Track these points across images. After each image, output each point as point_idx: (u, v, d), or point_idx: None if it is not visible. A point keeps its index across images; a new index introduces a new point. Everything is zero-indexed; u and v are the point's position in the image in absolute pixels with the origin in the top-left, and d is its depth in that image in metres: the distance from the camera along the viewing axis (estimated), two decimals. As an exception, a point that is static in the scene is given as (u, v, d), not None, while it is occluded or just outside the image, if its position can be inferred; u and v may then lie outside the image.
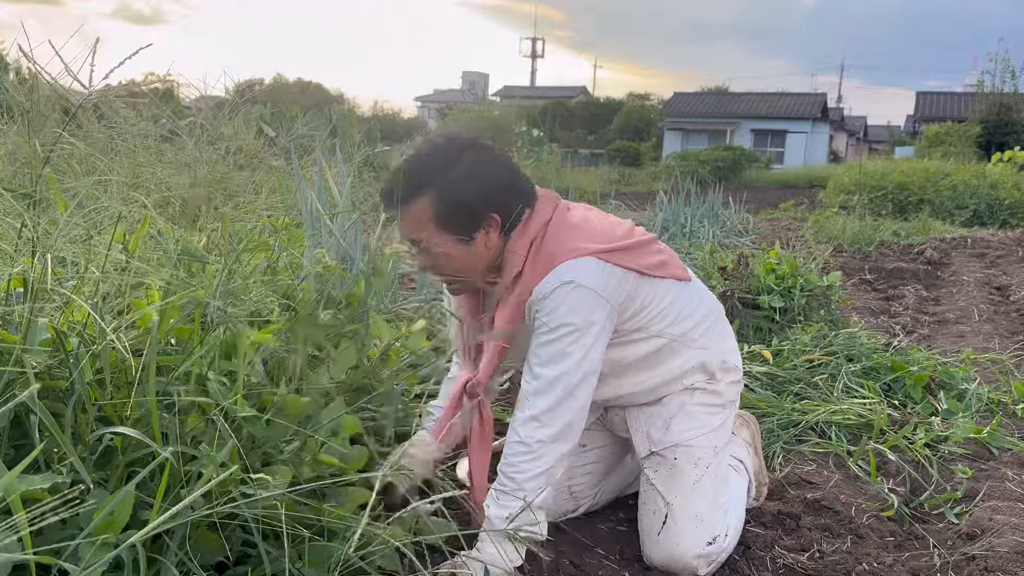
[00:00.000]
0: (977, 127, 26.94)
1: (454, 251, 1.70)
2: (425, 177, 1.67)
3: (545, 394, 1.67)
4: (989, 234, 9.42)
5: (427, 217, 1.66)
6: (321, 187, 3.12)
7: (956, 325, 4.74)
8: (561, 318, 1.66)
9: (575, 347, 1.67)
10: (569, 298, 1.67)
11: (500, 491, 1.69)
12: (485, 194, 1.69)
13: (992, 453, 2.67)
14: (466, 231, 1.69)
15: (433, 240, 1.68)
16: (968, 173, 13.02)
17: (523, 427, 1.68)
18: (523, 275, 1.71)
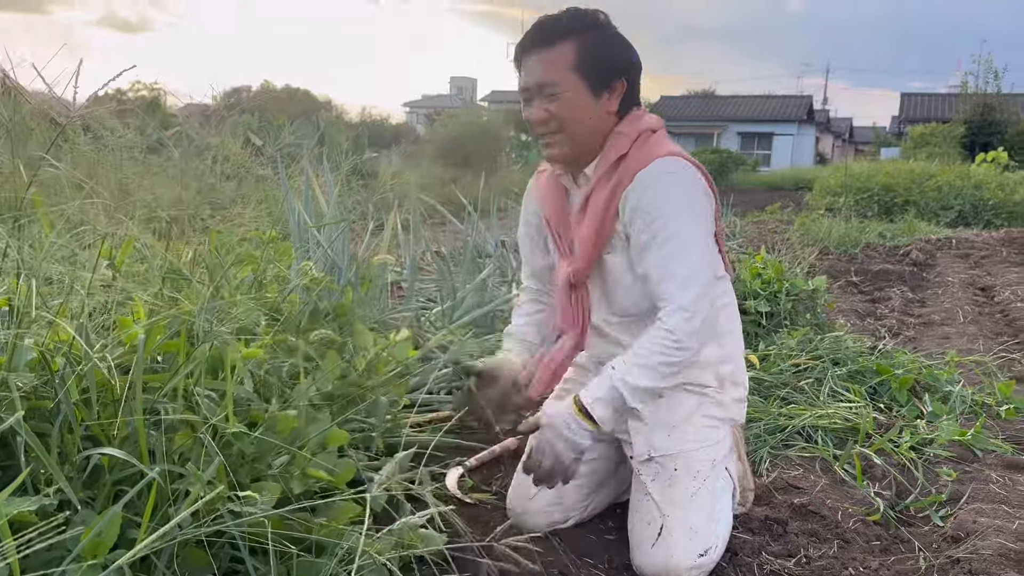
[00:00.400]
0: (961, 128, 27.14)
1: (580, 101, 1.72)
2: (575, 24, 1.73)
3: (689, 287, 1.68)
4: (974, 234, 9.50)
5: (568, 60, 1.71)
6: (308, 197, 3.13)
7: (941, 327, 4.78)
8: (672, 213, 1.69)
9: (695, 234, 1.71)
10: (676, 188, 1.71)
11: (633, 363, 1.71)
12: (622, 58, 1.77)
13: (976, 455, 2.70)
14: (599, 84, 1.73)
15: (566, 85, 1.71)
16: (953, 174, 13.13)
17: (670, 317, 1.69)
18: (627, 157, 1.74)
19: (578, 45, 1.71)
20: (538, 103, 1.75)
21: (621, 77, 1.76)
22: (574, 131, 1.75)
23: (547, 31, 1.73)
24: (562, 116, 1.73)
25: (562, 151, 1.79)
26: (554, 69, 1.71)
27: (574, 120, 1.74)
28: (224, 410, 1.50)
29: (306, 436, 1.69)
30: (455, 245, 5.47)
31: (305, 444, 1.69)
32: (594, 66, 1.72)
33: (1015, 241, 8.70)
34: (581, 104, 1.73)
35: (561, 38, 1.71)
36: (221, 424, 1.51)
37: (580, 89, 1.72)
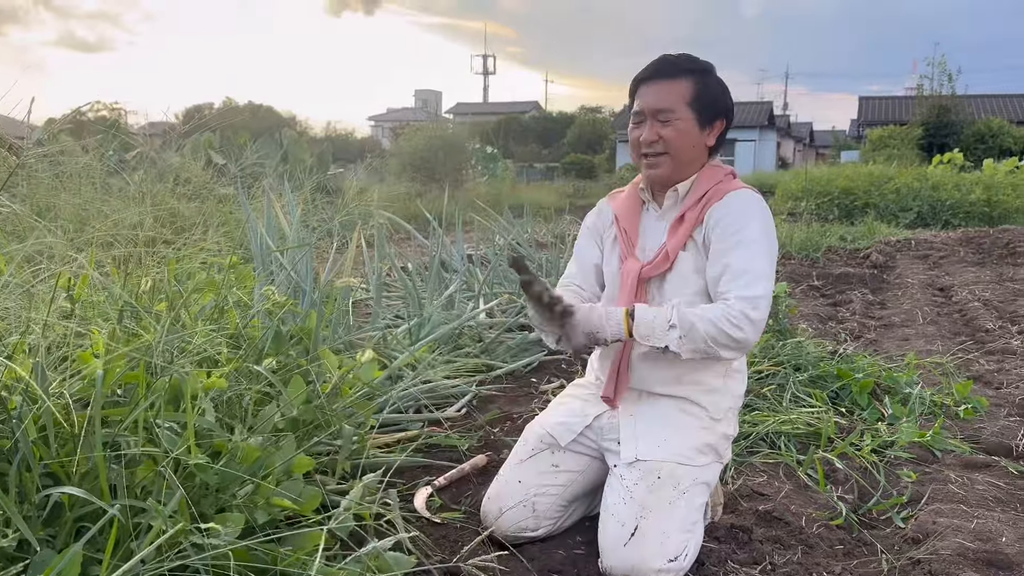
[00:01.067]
0: (918, 130, 27.68)
1: (689, 130, 1.99)
2: (693, 65, 2.02)
3: (760, 282, 1.88)
4: (932, 235, 9.70)
5: (686, 94, 1.98)
6: (270, 219, 3.12)
7: (901, 328, 4.88)
8: (755, 225, 1.93)
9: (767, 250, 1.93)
10: (761, 209, 1.98)
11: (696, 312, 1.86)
12: (726, 103, 2.05)
13: (936, 456, 2.76)
14: (706, 119, 2.00)
15: (681, 114, 1.98)
16: (911, 176, 13.40)
17: (737, 300, 1.85)
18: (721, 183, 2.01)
19: (695, 83, 1.99)
20: (651, 125, 2.00)
21: (723, 118, 2.04)
22: (678, 155, 2.00)
23: (671, 65, 2.01)
24: (671, 140, 1.99)
25: (664, 171, 2.03)
26: (672, 99, 1.98)
27: (680, 146, 1.99)
28: (185, 442, 1.50)
29: (271, 464, 1.69)
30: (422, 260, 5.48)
31: (270, 473, 1.69)
32: (705, 104, 1.99)
33: (972, 241, 8.91)
34: (689, 133, 1.99)
35: (682, 74, 1.99)
36: (183, 456, 1.51)
37: (691, 121, 1.99)
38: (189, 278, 2.36)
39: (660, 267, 2.02)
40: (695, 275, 2.00)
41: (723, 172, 2.07)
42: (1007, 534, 2.14)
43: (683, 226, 2.01)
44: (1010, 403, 3.38)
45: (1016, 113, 32.84)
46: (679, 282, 2.02)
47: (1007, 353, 4.29)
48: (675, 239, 2.02)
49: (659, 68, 2.02)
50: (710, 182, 2.03)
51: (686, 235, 2.00)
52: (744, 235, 1.92)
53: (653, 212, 2.11)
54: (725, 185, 2.02)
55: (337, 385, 2.18)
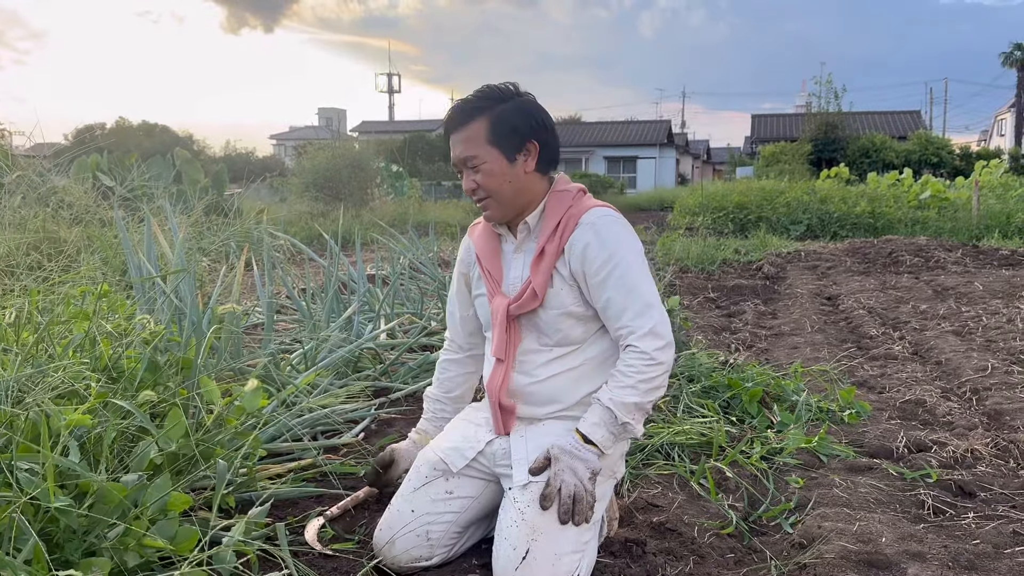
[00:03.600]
0: (808, 145, 28.99)
1: (499, 168, 1.96)
2: (483, 102, 1.98)
3: (650, 312, 1.90)
4: (821, 246, 10.13)
5: (482, 135, 1.95)
6: (151, 243, 2.99)
7: (791, 337, 5.05)
8: (619, 251, 1.92)
9: (641, 267, 1.94)
10: (618, 229, 1.96)
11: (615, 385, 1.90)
12: (530, 122, 1.99)
13: (822, 461, 2.85)
14: (513, 149, 1.96)
15: (483, 157, 1.95)
16: (800, 190, 13.99)
17: (641, 341, 1.89)
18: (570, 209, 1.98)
19: (488, 119, 1.95)
20: (467, 175, 1.99)
21: (530, 139, 1.98)
22: (501, 195, 1.99)
23: (461, 113, 1.99)
24: (486, 185, 1.97)
25: (496, 212, 2.03)
26: (471, 144, 1.96)
27: (496, 187, 1.98)
28: (44, 483, 1.41)
29: (143, 503, 1.60)
30: (320, 282, 5.36)
31: (143, 512, 1.60)
32: (503, 136, 1.95)
33: (858, 251, 9.35)
34: (499, 172, 1.97)
35: (473, 116, 1.96)
36: (44, 498, 1.41)
37: (497, 158, 1.96)
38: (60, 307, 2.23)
39: (528, 305, 2.01)
40: (567, 308, 2.00)
41: (570, 196, 2.04)
42: (887, 535, 2.22)
43: (544, 261, 1.99)
44: (891, 407, 3.54)
45: (897, 129, 34.84)
46: (553, 317, 2.02)
47: (889, 358, 4.49)
48: (539, 276, 2.00)
49: (452, 118, 2.01)
50: (559, 209, 2.01)
51: (549, 270, 1.99)
52: (615, 262, 1.92)
53: (511, 243, 2.11)
54: (576, 209, 2.00)
55: (221, 416, 2.09)
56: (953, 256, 8.68)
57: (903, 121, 36.64)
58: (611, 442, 1.93)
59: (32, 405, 1.51)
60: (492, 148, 1.96)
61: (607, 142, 40.15)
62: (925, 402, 3.57)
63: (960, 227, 12.00)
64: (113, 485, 1.50)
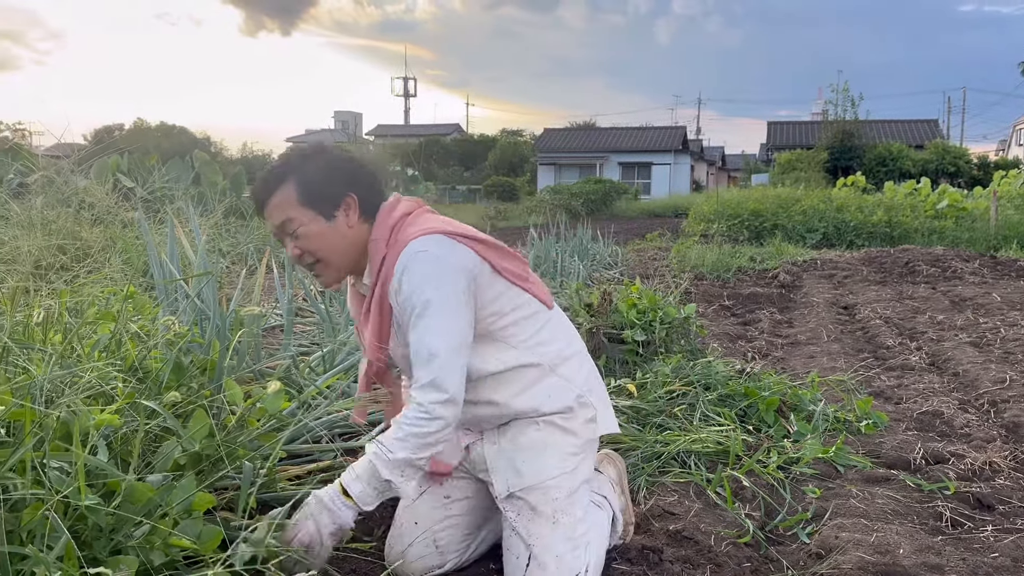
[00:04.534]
0: (824, 153, 28.86)
1: (318, 228, 1.84)
2: (286, 167, 1.88)
3: (432, 362, 1.77)
4: (837, 255, 10.09)
5: (292, 199, 1.83)
6: (173, 245, 3.03)
7: (807, 346, 5.04)
8: (419, 290, 1.77)
9: (439, 319, 1.78)
10: (422, 266, 1.79)
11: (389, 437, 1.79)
12: (341, 175, 1.88)
13: (839, 471, 2.85)
14: (327, 207, 1.85)
15: (300, 220, 1.83)
16: (816, 198, 13.94)
17: (420, 392, 1.78)
18: (386, 259, 1.84)
19: (295, 182, 1.84)
20: (289, 243, 1.88)
21: (346, 193, 1.87)
22: (328, 257, 1.88)
23: (267, 182, 1.87)
24: (312, 248, 1.86)
25: (330, 276, 1.93)
26: (283, 210, 1.85)
27: (321, 248, 1.87)
28: (75, 482, 1.43)
29: (169, 503, 1.63)
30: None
31: (169, 511, 1.62)
32: (315, 195, 1.84)
33: (874, 260, 9.30)
34: (320, 232, 1.85)
35: (278, 182, 1.85)
36: (74, 497, 1.44)
37: (313, 220, 1.85)
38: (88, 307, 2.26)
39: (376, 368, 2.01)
40: None
41: (383, 242, 1.87)
42: (904, 546, 2.22)
43: (373, 319, 1.91)
44: (909, 417, 3.53)
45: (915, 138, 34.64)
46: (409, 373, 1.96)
47: (906, 369, 4.48)
48: (368, 336, 1.94)
49: (256, 191, 1.90)
50: (375, 263, 1.89)
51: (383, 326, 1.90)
52: (412, 304, 1.80)
53: None
54: (392, 255, 1.85)
55: (243, 417, 2.12)
56: (971, 267, 8.63)
57: (920, 130, 36.44)
58: (372, 498, 1.80)
59: (63, 405, 1.53)
60: (306, 209, 1.84)
61: (622, 148, 40.13)
62: (943, 413, 3.56)
63: (978, 237, 11.93)
64: (140, 485, 1.53)
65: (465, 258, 1.84)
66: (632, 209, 25.93)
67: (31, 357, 1.76)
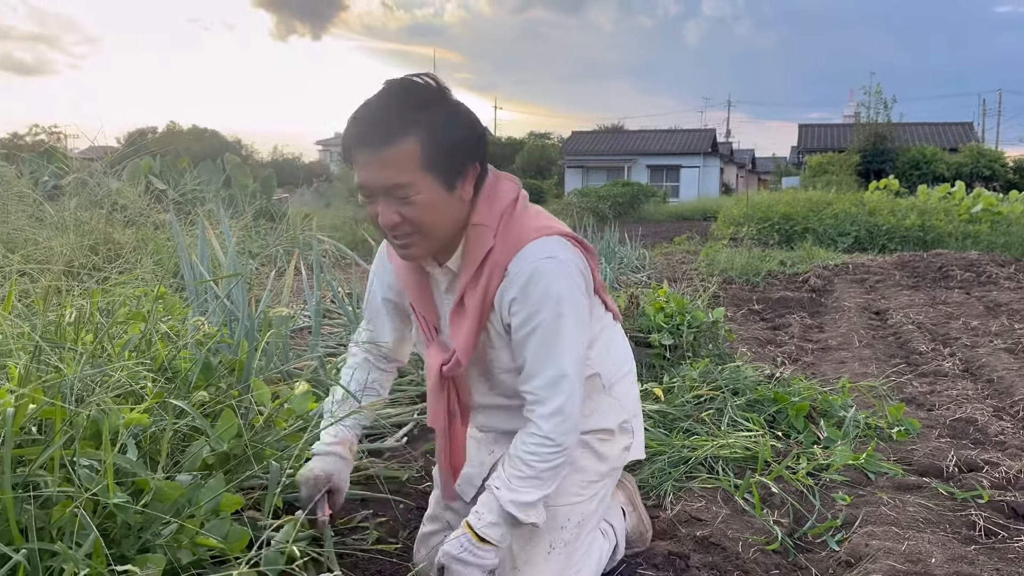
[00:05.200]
0: (856, 156, 28.53)
1: (436, 199, 1.52)
2: (413, 112, 1.48)
3: (562, 384, 1.61)
4: (869, 259, 9.95)
5: (413, 159, 1.48)
6: (204, 247, 3.06)
7: (838, 351, 4.98)
8: (550, 304, 1.57)
9: (569, 338, 1.60)
10: (553, 277, 1.58)
11: (516, 476, 1.63)
12: (469, 137, 1.55)
13: (870, 478, 2.81)
14: (452, 175, 1.53)
15: (417, 186, 1.49)
16: (848, 201, 13.77)
17: (546, 421, 1.62)
18: (494, 250, 1.59)
19: (423, 139, 1.48)
20: (386, 204, 1.53)
21: (472, 161, 1.57)
22: (434, 231, 1.57)
23: (384, 125, 1.48)
24: (419, 219, 1.53)
25: (420, 251, 1.61)
26: (400, 171, 1.49)
27: (430, 221, 1.54)
28: (104, 480, 1.45)
29: (197, 502, 1.64)
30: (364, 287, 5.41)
31: (197, 511, 1.64)
32: (442, 159, 1.51)
33: (907, 265, 9.16)
34: (437, 203, 1.53)
35: (403, 131, 1.47)
36: (103, 495, 1.45)
37: (434, 188, 1.52)
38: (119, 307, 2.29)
39: (455, 370, 1.71)
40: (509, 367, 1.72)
41: (490, 231, 1.60)
42: (936, 556, 2.18)
43: (466, 318, 1.65)
44: (941, 424, 3.47)
45: (949, 141, 34.12)
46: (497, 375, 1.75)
47: (939, 375, 4.40)
48: (460, 337, 1.66)
49: (371, 130, 1.50)
50: (478, 252, 1.61)
51: (474, 329, 1.65)
52: (539, 320, 1.59)
53: (441, 282, 1.74)
54: (501, 253, 1.60)
55: (270, 418, 2.13)
56: (1006, 271, 8.47)
57: (955, 133, 35.90)
58: (509, 538, 1.67)
59: (92, 404, 1.55)
60: (427, 175, 1.50)
61: (650, 151, 39.98)
62: (976, 421, 3.49)
63: (1013, 242, 11.71)
64: (169, 484, 1.54)
65: (583, 266, 1.67)
66: (660, 212, 25.81)
67: (63, 356, 1.78)
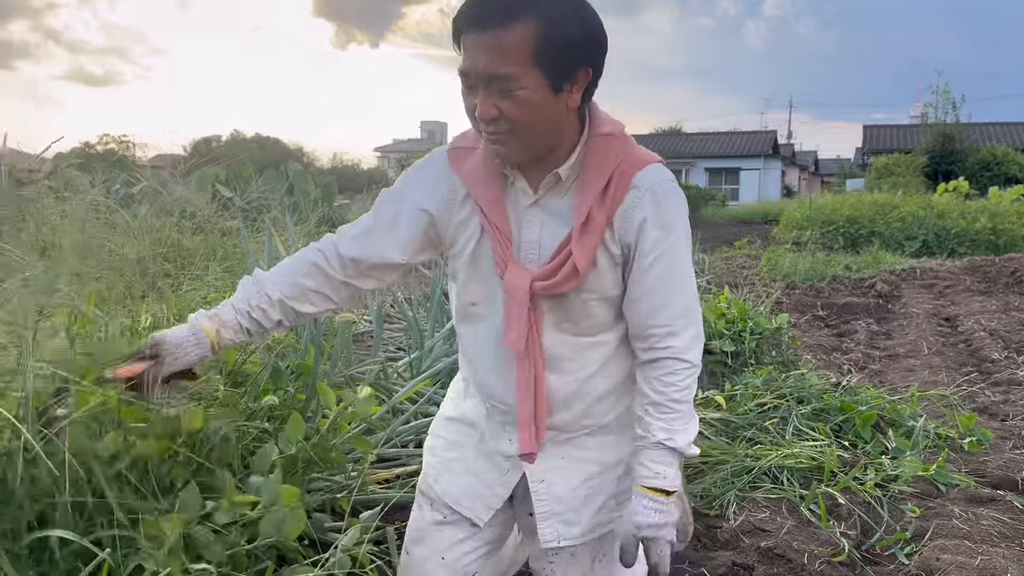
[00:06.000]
0: (923, 158, 27.75)
1: (537, 99, 1.38)
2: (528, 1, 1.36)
3: (693, 312, 1.51)
4: (938, 264, 9.67)
5: (526, 48, 1.35)
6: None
7: (906, 359, 4.85)
8: (678, 230, 1.49)
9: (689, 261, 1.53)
10: (679, 201, 1.50)
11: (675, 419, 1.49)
12: (592, 39, 1.42)
13: (940, 490, 2.73)
14: (562, 76, 1.39)
15: (525, 81, 1.37)
16: (916, 204, 13.40)
17: (689, 351, 1.49)
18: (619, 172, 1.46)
19: (540, 27, 1.35)
20: (485, 96, 1.40)
21: (586, 64, 1.41)
22: (532, 132, 1.43)
23: (499, 4, 1.37)
24: (517, 116, 1.40)
25: (513, 152, 1.46)
26: (507, 59, 1.36)
27: (530, 123, 1.41)
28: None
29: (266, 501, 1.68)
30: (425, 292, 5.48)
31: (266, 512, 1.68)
32: (558, 55, 1.37)
33: (978, 269, 8.88)
34: (540, 102, 1.39)
35: (519, 15, 1.35)
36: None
37: (540, 85, 1.38)
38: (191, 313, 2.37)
39: (562, 286, 1.50)
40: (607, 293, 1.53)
41: (619, 143, 1.49)
42: (1012, 571, 2.11)
43: (592, 232, 1.48)
44: (1016, 435, 3.36)
45: (1021, 140, 32.91)
46: (585, 302, 1.54)
47: (1013, 384, 4.26)
48: (584, 251, 1.47)
49: (487, 8, 1.37)
50: (608, 162, 1.47)
51: (596, 244, 1.48)
52: (669, 244, 1.48)
53: (523, 196, 1.53)
54: (628, 164, 1.47)
55: (335, 421, 2.17)
56: (1085, 276, 8.14)
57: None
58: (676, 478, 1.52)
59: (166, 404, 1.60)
60: (536, 70, 1.36)
61: (709, 153, 39.49)
62: (1054, 432, 3.37)
63: (1092, 245, 11.26)
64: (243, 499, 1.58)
65: None
66: (720, 215, 25.47)
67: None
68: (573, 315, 1.55)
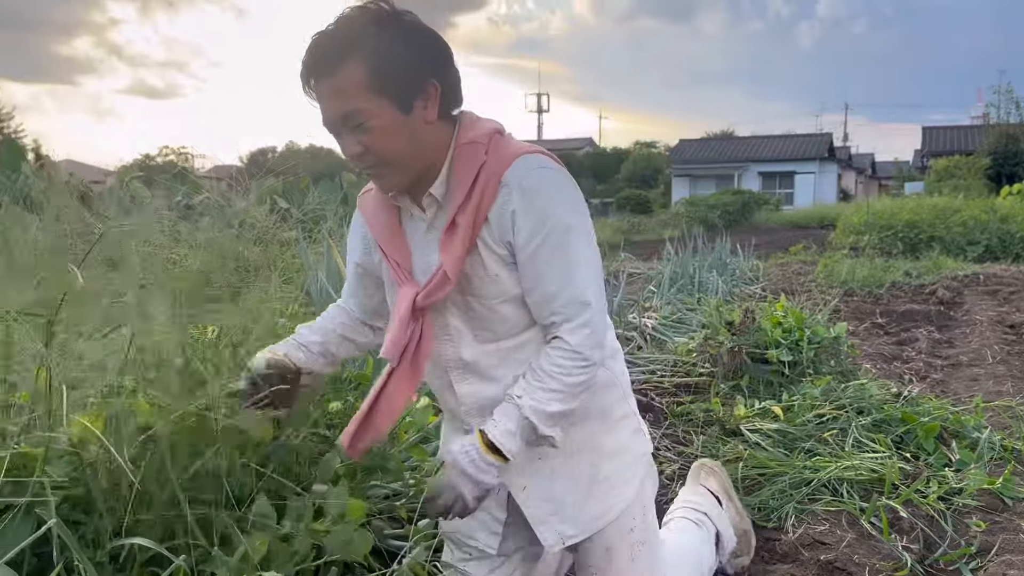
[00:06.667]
0: (985, 159, 26.97)
1: (391, 122, 1.45)
2: (353, 35, 1.43)
3: (585, 297, 1.51)
4: (1002, 269, 9.40)
5: (360, 83, 1.42)
6: (330, 263, 3.20)
7: (970, 368, 4.73)
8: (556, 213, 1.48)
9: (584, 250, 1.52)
10: (554, 186, 1.51)
11: (539, 387, 1.51)
12: (424, 54, 1.47)
13: (1006, 504, 2.67)
14: (404, 95, 1.45)
15: (369, 111, 1.43)
16: (978, 208, 13.04)
17: (573, 335, 1.50)
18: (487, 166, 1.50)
19: (368, 60, 1.41)
20: (348, 136, 1.47)
21: (427, 78, 1.47)
22: (398, 158, 1.49)
23: (326, 53, 1.44)
24: (379, 146, 1.46)
25: (394, 180, 1.53)
26: (349, 97, 1.43)
27: (391, 147, 1.47)
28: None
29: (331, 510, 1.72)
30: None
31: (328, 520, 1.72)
32: (395, 79, 1.43)
33: (1045, 274, 8.60)
34: (394, 127, 1.45)
35: (342, 59, 1.42)
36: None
37: (388, 111, 1.44)
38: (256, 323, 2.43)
39: (438, 292, 1.54)
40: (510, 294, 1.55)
41: (482, 147, 1.51)
42: (1084, 589, 2.05)
43: (456, 235, 1.51)
44: (1086, 448, 3.25)
45: (1089, 140, 31.76)
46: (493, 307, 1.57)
47: (1083, 394, 4.12)
48: (451, 254, 1.51)
49: (316, 62, 1.45)
50: (471, 168, 1.50)
51: (466, 244, 1.50)
52: (548, 229, 1.48)
53: (420, 223, 1.60)
54: (495, 163, 1.50)
55: (393, 430, 2.22)
56: None
57: (1097, 132, 33.40)
58: (519, 457, 1.54)
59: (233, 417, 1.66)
60: (380, 98, 1.43)
61: (762, 157, 38.94)
62: None
63: None
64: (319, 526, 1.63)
65: None
66: (773, 220, 25.09)
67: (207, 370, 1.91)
68: (487, 323, 1.59)
